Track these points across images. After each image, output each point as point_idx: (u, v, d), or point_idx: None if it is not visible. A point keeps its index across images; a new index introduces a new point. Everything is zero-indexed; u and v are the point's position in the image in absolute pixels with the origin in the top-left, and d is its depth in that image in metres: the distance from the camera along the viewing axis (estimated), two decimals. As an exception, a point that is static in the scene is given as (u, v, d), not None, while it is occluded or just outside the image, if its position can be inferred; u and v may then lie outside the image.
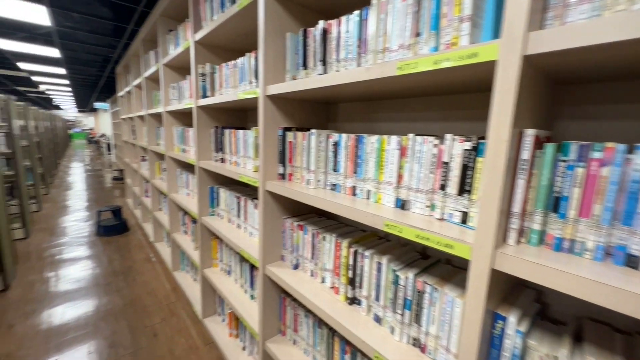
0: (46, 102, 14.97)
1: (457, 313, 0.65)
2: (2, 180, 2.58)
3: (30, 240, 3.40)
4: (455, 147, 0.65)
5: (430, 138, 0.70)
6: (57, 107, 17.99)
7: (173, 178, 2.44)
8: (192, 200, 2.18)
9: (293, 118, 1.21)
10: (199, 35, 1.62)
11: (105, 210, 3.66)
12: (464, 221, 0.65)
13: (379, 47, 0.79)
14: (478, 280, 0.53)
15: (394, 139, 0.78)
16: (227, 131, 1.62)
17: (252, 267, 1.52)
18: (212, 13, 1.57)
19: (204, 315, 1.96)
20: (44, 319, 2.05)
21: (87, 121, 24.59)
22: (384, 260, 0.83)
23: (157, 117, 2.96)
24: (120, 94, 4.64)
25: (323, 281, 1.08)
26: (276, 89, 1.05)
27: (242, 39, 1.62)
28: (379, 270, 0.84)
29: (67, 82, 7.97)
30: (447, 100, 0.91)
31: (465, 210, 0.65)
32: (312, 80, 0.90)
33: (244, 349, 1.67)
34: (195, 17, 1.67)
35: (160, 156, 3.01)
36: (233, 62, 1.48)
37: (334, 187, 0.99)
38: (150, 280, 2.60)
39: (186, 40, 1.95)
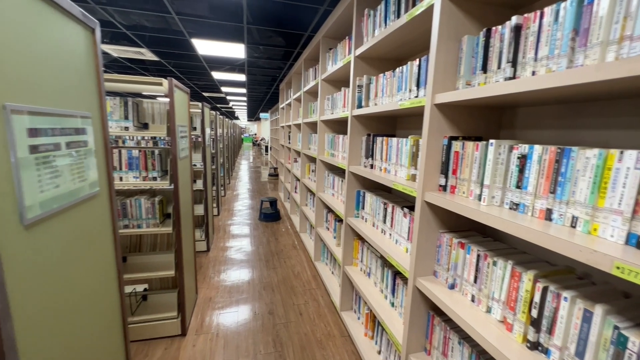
0: (230, 114, 20.12)
1: None
2: (210, 172, 3.62)
3: (220, 217, 4.63)
4: None
5: None
6: (236, 118, 23.86)
7: (321, 179, 2.75)
8: (337, 201, 2.39)
9: (459, 126, 1.13)
10: (360, 50, 1.75)
11: (265, 200, 4.54)
12: None
13: (613, 36, 0.62)
14: None
15: (633, 154, 0.59)
16: (379, 139, 1.68)
17: (395, 275, 1.51)
18: (374, 28, 1.66)
19: (341, 308, 2.12)
20: (228, 278, 2.73)
21: (253, 128, 31.33)
22: (598, 310, 0.64)
23: (311, 125, 3.41)
24: (281, 105, 5.64)
25: (489, 311, 0.95)
26: (448, 97, 1.00)
27: (399, 48, 1.64)
28: (586, 320, 0.66)
29: (245, 98, 10.45)
30: None
31: None
32: (500, 85, 0.81)
33: (379, 352, 1.69)
34: (357, 34, 1.82)
35: (311, 159, 3.45)
36: (390, 72, 1.52)
37: (516, 206, 0.85)
38: (296, 265, 3.04)
39: (344, 56, 2.15)
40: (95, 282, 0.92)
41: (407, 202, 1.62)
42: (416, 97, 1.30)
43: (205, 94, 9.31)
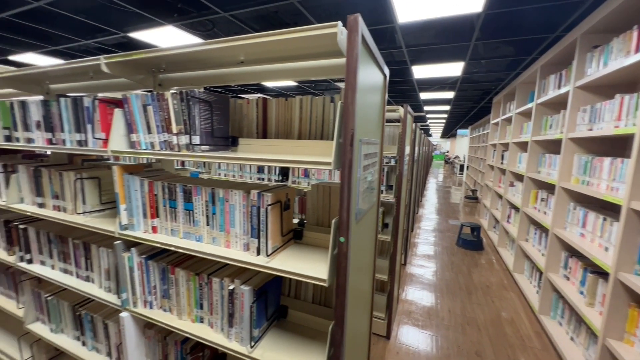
0: (425, 132, 20.19)
1: None
2: (413, 188, 3.75)
3: (413, 233, 4.68)
4: None
5: None
6: (429, 135, 23.56)
7: (562, 212, 2.16)
8: (592, 245, 1.78)
9: None
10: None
11: (467, 225, 4.13)
12: None
13: None
14: None
15: None
16: None
17: None
18: None
19: (592, 394, 1.54)
20: (426, 297, 2.69)
21: (445, 145, 29.67)
22: None
23: (545, 143, 2.78)
24: (494, 121, 4.97)
25: None
26: None
27: None
28: None
29: (445, 115, 10.10)
30: None
31: None
32: None
33: None
34: (666, 19, 1.30)
35: (541, 184, 2.80)
36: None
37: None
38: (507, 309, 2.54)
39: (627, 52, 1.60)
40: (368, 267, 1.17)
41: None
42: None
43: (405, 114, 9.81)
